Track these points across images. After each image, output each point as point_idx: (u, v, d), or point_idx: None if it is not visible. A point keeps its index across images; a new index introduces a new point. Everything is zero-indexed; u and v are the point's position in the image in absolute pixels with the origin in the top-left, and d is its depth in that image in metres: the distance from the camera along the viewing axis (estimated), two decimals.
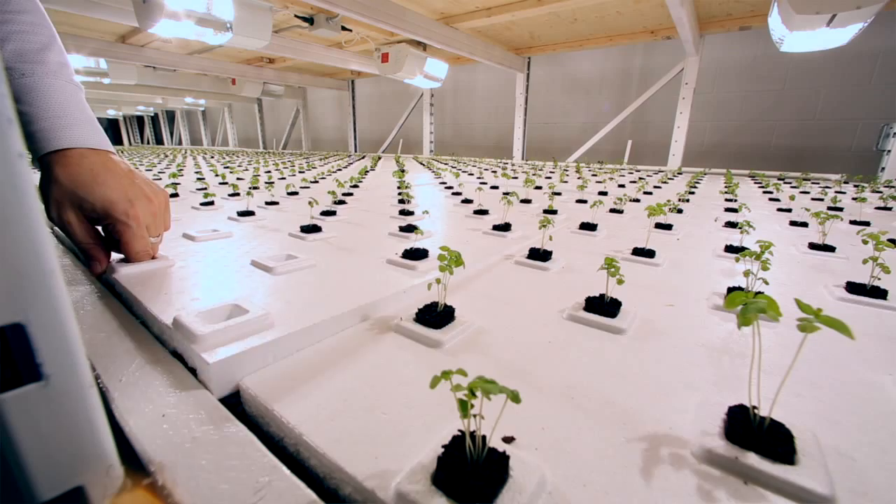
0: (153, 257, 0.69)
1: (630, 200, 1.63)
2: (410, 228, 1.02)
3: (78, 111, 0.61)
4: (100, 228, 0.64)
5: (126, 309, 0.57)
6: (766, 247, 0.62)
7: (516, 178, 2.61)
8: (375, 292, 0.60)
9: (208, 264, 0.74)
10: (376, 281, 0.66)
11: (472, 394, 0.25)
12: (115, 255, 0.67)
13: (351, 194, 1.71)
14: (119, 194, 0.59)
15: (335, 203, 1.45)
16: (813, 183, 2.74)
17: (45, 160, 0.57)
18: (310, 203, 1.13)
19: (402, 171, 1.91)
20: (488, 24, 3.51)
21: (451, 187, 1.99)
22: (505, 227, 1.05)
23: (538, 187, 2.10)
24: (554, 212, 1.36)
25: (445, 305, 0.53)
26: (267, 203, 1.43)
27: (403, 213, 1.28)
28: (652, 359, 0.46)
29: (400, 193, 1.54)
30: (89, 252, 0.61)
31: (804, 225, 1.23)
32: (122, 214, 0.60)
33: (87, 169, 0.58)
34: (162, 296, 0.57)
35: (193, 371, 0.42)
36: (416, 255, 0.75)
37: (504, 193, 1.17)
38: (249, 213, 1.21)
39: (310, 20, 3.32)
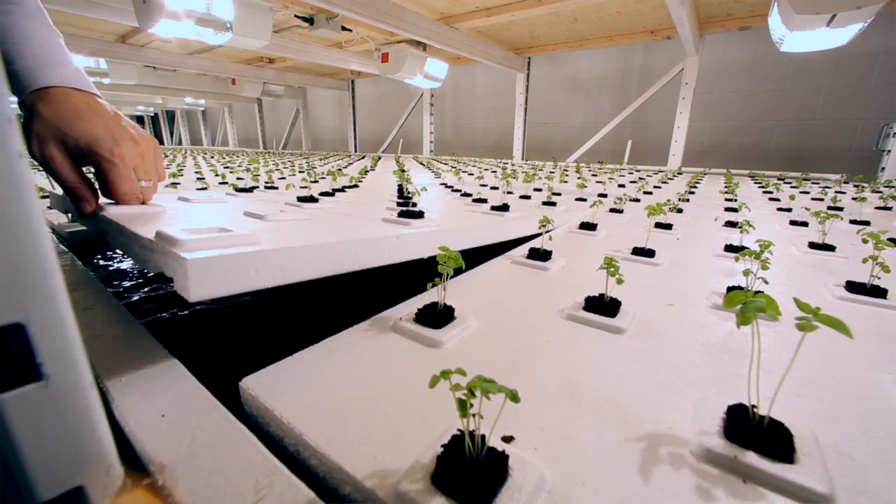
0: (143, 203, 0.65)
1: (630, 200, 1.63)
2: (408, 206, 1.02)
3: (59, 53, 0.60)
4: (94, 183, 0.62)
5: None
6: (765, 246, 0.62)
7: (516, 178, 2.61)
8: (367, 233, 0.60)
9: (201, 213, 0.72)
10: (370, 230, 0.66)
11: (471, 393, 0.25)
12: (105, 200, 0.64)
13: (354, 187, 1.72)
14: (104, 132, 0.58)
15: (334, 190, 1.46)
16: (813, 183, 2.74)
17: (28, 100, 0.56)
18: (309, 175, 1.13)
19: (403, 171, 1.90)
20: (488, 24, 3.51)
21: (450, 186, 1.99)
22: (503, 208, 1.06)
23: (538, 189, 2.10)
24: (553, 204, 1.37)
25: (445, 305, 0.53)
26: (266, 186, 1.44)
27: (403, 196, 1.29)
28: (651, 358, 0.46)
29: (400, 186, 1.55)
30: (76, 192, 0.58)
31: (804, 224, 1.23)
32: (106, 152, 0.58)
33: (71, 107, 0.57)
34: (149, 227, 0.54)
35: (170, 281, 0.39)
36: (412, 214, 0.76)
37: (505, 182, 1.17)
38: (247, 190, 1.22)
39: (310, 20, 3.32)
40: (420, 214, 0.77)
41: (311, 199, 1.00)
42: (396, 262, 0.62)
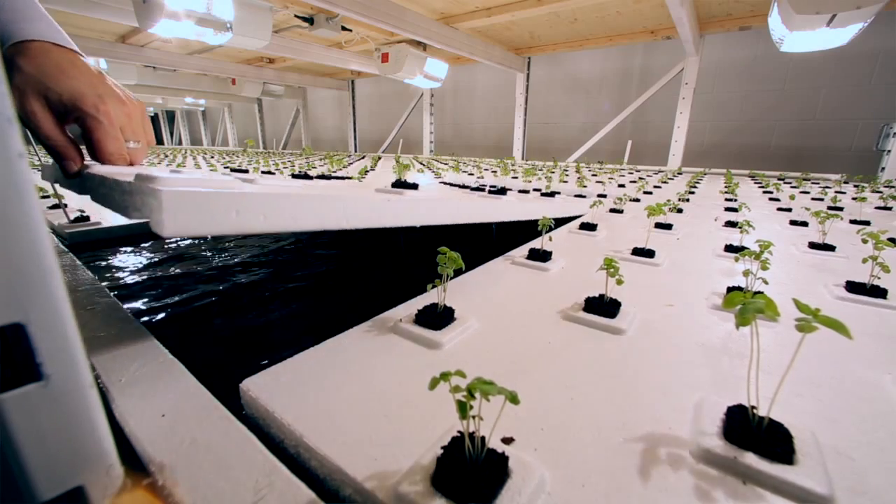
0: (131, 164, 0.61)
1: (630, 200, 1.63)
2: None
3: (36, 9, 0.58)
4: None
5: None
6: (765, 246, 0.62)
7: (516, 177, 2.61)
8: (357, 195, 0.58)
9: (190, 176, 0.70)
10: (363, 195, 0.64)
11: (471, 395, 0.25)
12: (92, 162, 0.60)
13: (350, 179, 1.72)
14: (88, 88, 0.56)
15: (331, 175, 1.47)
16: (813, 183, 2.74)
17: (7, 53, 0.54)
18: (304, 150, 1.13)
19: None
20: (488, 24, 3.51)
21: (450, 183, 2.00)
22: (501, 192, 1.06)
23: (537, 189, 2.10)
24: (551, 195, 1.38)
25: (445, 306, 0.53)
26: (263, 172, 1.44)
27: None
28: (651, 359, 0.46)
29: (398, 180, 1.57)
30: (59, 150, 0.55)
31: (804, 224, 1.23)
32: (91, 108, 0.55)
33: (53, 62, 0.55)
34: (132, 178, 0.50)
35: (146, 223, 0.38)
36: (406, 186, 0.75)
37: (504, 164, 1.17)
38: (243, 171, 1.23)
39: (310, 20, 3.32)
40: (414, 186, 0.76)
41: (306, 177, 0.99)
42: (387, 227, 0.59)
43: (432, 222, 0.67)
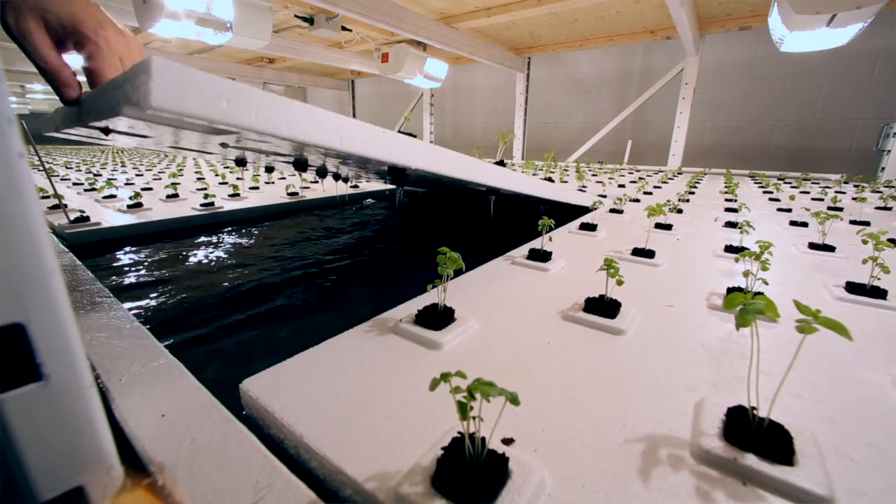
0: None
1: (630, 200, 1.63)
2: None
3: None
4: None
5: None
6: (765, 247, 0.62)
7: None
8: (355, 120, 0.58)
9: None
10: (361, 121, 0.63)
11: (472, 396, 0.25)
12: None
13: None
14: (87, 15, 0.54)
15: None
16: (813, 183, 2.74)
17: None
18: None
19: None
20: (488, 24, 3.51)
21: None
22: (500, 164, 1.06)
23: None
24: (551, 180, 1.38)
25: (445, 306, 0.53)
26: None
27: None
28: (651, 359, 0.46)
29: None
30: (58, 74, 0.54)
31: (804, 225, 1.23)
32: (91, 32, 0.54)
33: None
34: None
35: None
36: (405, 134, 0.75)
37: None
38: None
39: (310, 20, 3.32)
40: (412, 135, 0.76)
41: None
42: (379, 159, 0.59)
43: (427, 168, 0.65)
